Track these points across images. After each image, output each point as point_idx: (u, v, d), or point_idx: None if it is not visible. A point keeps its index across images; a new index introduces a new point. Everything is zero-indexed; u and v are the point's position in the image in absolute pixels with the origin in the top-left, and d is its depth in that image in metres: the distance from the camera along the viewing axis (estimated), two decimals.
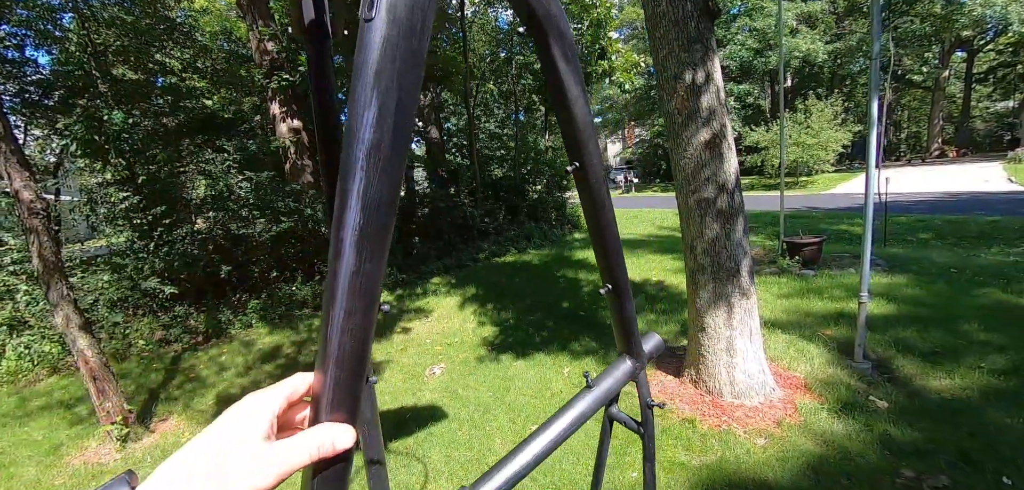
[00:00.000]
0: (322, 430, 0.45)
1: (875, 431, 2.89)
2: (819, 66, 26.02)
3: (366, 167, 0.47)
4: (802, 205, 14.11)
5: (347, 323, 0.48)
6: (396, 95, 0.47)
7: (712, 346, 3.49)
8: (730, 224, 3.37)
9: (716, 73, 3.28)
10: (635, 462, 2.95)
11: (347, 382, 0.50)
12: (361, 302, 0.49)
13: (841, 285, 5.56)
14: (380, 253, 0.50)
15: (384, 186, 0.48)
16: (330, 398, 0.49)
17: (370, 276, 0.49)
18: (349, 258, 0.48)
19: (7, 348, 6.19)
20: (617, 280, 0.90)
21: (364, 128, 0.47)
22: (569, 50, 0.67)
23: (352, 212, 0.48)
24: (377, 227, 0.49)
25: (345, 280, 0.48)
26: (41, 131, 8.15)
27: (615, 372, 1.01)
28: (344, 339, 0.48)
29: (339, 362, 0.49)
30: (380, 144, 0.47)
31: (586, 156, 0.74)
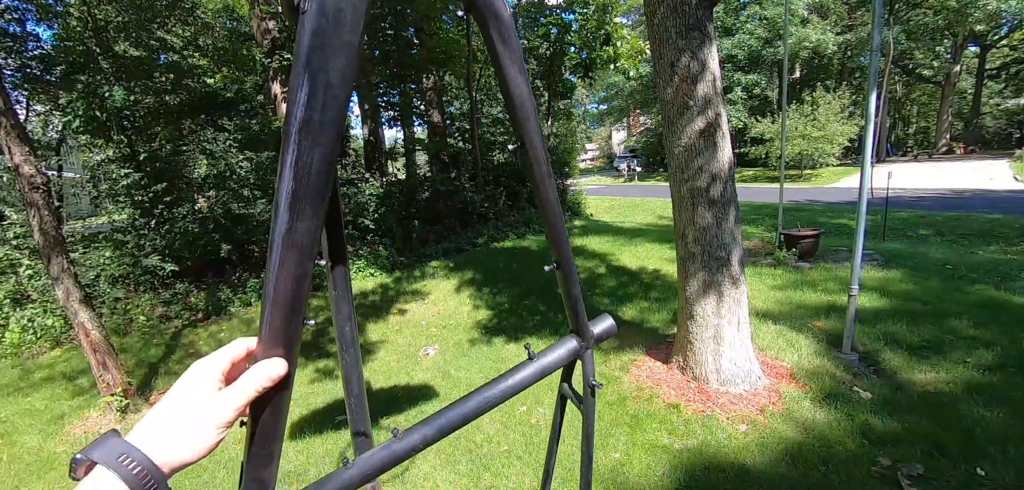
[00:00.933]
0: (259, 366, 0.53)
1: (856, 421, 2.94)
2: (829, 58, 25.69)
3: (298, 141, 0.53)
4: (804, 198, 14.06)
5: (281, 272, 0.55)
6: (326, 79, 0.53)
7: (700, 333, 3.53)
8: (722, 213, 3.39)
9: (713, 62, 3.28)
10: (618, 443, 3.01)
11: (282, 322, 0.57)
12: (293, 255, 0.56)
13: (835, 278, 5.57)
14: (312, 214, 0.57)
15: (314, 157, 0.55)
16: (268, 334, 0.57)
17: (302, 233, 0.56)
18: (283, 218, 0.54)
19: (11, 321, 6.30)
20: (562, 254, 0.93)
21: (297, 107, 0.53)
22: (506, 31, 0.70)
23: (285, 179, 0.54)
24: (308, 192, 0.55)
25: (280, 236, 0.54)
26: (43, 107, 8.18)
27: (559, 349, 1.04)
28: (279, 285, 0.55)
29: (275, 304, 0.56)
30: (310, 121, 0.53)
31: (527, 135, 0.78)
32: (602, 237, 9.86)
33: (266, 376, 0.53)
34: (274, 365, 0.53)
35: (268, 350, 0.57)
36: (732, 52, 25.06)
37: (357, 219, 9.13)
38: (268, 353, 0.56)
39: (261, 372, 0.53)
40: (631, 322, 5.01)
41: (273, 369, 0.53)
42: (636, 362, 4.05)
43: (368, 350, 5.17)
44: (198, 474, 3.22)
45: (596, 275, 7.08)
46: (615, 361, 4.13)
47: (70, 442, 3.87)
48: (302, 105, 0.53)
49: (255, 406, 0.59)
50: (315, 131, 0.54)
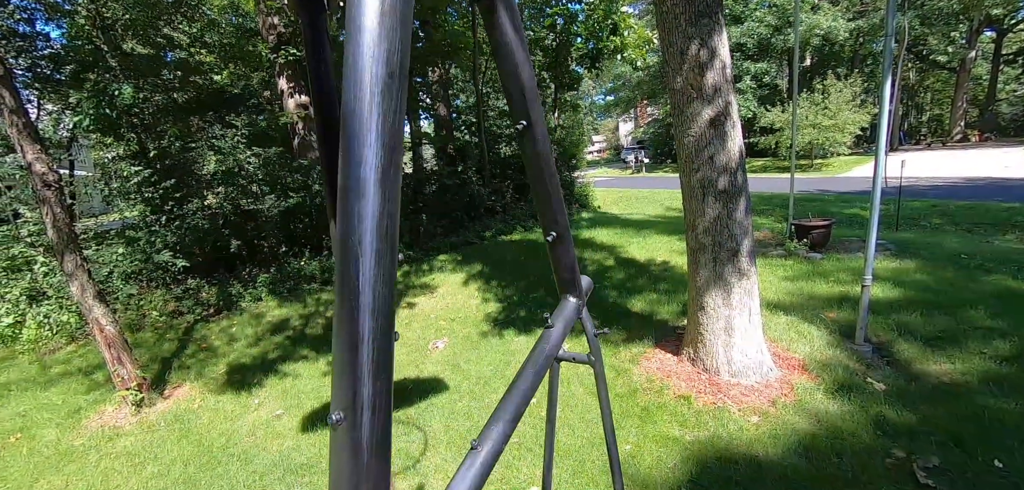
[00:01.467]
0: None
1: (870, 412, 2.90)
2: (840, 45, 25.27)
3: (383, 103, 0.44)
4: (815, 188, 13.89)
5: (378, 270, 0.44)
6: (400, 33, 0.46)
7: (710, 325, 3.50)
8: (732, 204, 3.35)
9: (723, 49, 3.23)
10: (629, 435, 3.01)
11: (384, 333, 0.46)
12: (388, 244, 0.45)
13: (848, 269, 5.51)
14: (397, 194, 0.47)
15: (399, 123, 0.46)
16: (370, 354, 0.45)
17: (393, 217, 0.45)
18: (374, 198, 0.43)
19: (27, 317, 6.40)
20: (560, 226, 0.99)
21: (377, 64, 0.43)
22: (516, 19, 0.70)
23: (372, 150, 0.43)
24: (395, 166, 0.45)
25: (373, 221, 0.43)
26: (54, 105, 8.26)
27: (565, 311, 1.11)
28: (378, 288, 0.44)
29: (375, 312, 0.44)
30: (393, 79, 0.45)
31: (532, 116, 0.81)
32: (610, 229, 9.81)
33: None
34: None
35: (371, 376, 0.45)
36: (741, 40, 24.74)
37: None
38: (371, 381, 0.45)
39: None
40: (640, 314, 4.99)
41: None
42: (646, 354, 4.03)
43: None
44: None
45: (604, 267, 7.05)
46: (625, 353, 4.12)
47: (87, 435, 3.94)
48: (383, 61, 0.44)
49: (353, 485, 0.48)
50: (397, 89, 0.46)
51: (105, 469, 3.42)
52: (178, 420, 4.04)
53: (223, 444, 3.53)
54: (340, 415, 0.45)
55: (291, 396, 4.18)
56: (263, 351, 5.38)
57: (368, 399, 0.45)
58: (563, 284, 1.14)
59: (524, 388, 0.91)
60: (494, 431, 0.83)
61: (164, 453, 3.55)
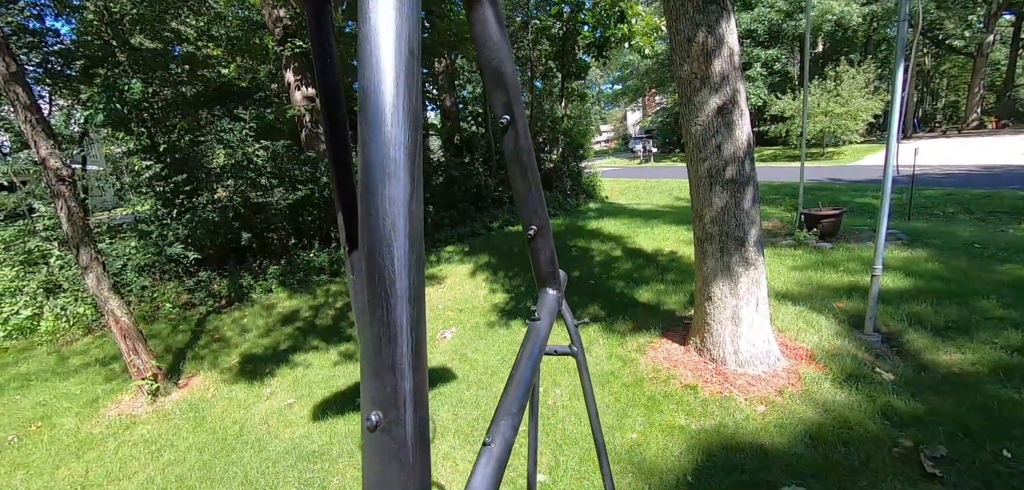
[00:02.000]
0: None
1: (877, 402, 2.90)
2: (853, 30, 24.79)
3: (407, 82, 0.42)
4: (826, 177, 13.73)
5: (412, 255, 0.41)
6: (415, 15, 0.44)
7: (717, 315, 3.50)
8: (740, 193, 3.34)
9: (731, 37, 3.20)
10: (635, 424, 3.02)
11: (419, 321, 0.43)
12: (418, 228, 0.42)
13: (858, 258, 5.46)
14: (421, 177, 0.44)
15: (419, 103, 0.44)
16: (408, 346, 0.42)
17: (421, 201, 0.43)
18: (404, 181, 0.40)
19: (45, 310, 6.54)
20: (540, 220, 1.00)
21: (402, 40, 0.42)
22: (500, 14, 0.71)
23: (401, 129, 0.40)
24: (419, 147, 0.43)
25: (404, 206, 0.40)
26: (65, 101, 8.37)
27: (548, 303, 1.12)
28: (413, 275, 0.41)
29: (412, 299, 0.41)
30: (414, 57, 0.43)
31: (516, 110, 0.83)
32: (617, 219, 9.79)
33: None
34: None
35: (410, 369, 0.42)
36: (751, 27, 24.36)
37: None
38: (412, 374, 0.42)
39: None
40: (647, 304, 4.99)
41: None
42: (652, 344, 4.04)
43: None
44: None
45: (611, 258, 7.05)
46: (631, 343, 4.13)
47: (105, 423, 4.03)
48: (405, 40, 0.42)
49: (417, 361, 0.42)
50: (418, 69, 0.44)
51: (123, 456, 3.51)
52: (193, 409, 4.13)
53: (237, 432, 3.60)
54: (379, 415, 0.41)
55: (302, 385, 4.25)
56: (274, 342, 5.46)
57: (409, 394, 0.41)
58: (543, 278, 1.15)
59: (525, 380, 0.92)
60: (503, 425, 0.85)
61: (180, 441, 3.63)
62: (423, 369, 0.43)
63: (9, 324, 6.32)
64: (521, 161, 0.89)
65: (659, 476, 2.59)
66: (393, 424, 0.41)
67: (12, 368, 5.44)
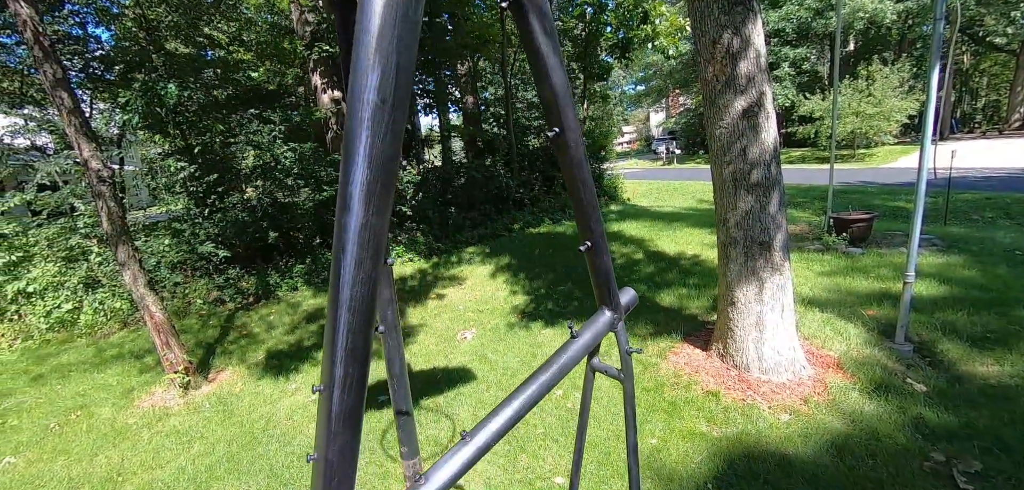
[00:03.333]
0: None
1: (908, 414, 2.81)
2: (887, 28, 23.97)
3: (371, 127, 0.51)
4: (857, 179, 13.32)
5: (358, 273, 0.54)
6: (396, 59, 0.52)
7: (741, 320, 3.44)
8: (766, 197, 3.28)
9: (757, 38, 3.15)
10: (655, 429, 3.00)
11: (360, 327, 0.56)
12: (369, 253, 0.54)
13: (889, 264, 5.29)
14: (385, 207, 0.55)
15: (388, 144, 0.53)
16: (344, 343, 0.55)
17: (377, 229, 0.54)
18: (358, 212, 0.52)
19: (84, 304, 6.83)
20: (595, 235, 0.96)
21: (368, 91, 0.51)
22: (548, 24, 0.71)
23: (359, 169, 0.52)
24: (383, 183, 0.53)
25: (354, 233, 0.53)
26: (105, 104, 8.74)
27: (596, 323, 1.08)
28: (356, 289, 0.54)
29: (351, 309, 0.54)
30: (384, 104, 0.51)
31: (565, 121, 0.80)
32: (639, 222, 9.69)
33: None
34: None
35: (346, 357, 0.54)
36: (779, 26, 23.78)
37: (396, 206, 9.34)
38: (343, 365, 0.54)
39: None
40: (669, 308, 4.93)
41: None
42: (674, 349, 4.00)
43: (408, 333, 5.32)
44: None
45: (633, 261, 6.99)
46: (652, 347, 4.09)
47: (139, 414, 4.20)
48: (374, 89, 0.50)
49: (324, 446, 0.58)
50: (389, 113, 0.52)
51: (156, 446, 3.65)
52: (222, 402, 4.26)
53: (263, 426, 3.71)
54: (321, 388, 0.57)
55: None
56: (299, 338, 5.59)
57: (339, 380, 0.55)
58: (598, 295, 1.11)
59: (529, 393, 0.92)
60: (488, 427, 0.86)
61: (209, 433, 3.75)
62: (359, 364, 0.56)
63: (52, 317, 6.62)
64: (572, 174, 0.87)
65: (679, 483, 2.56)
66: (326, 395, 0.57)
67: (54, 359, 5.71)
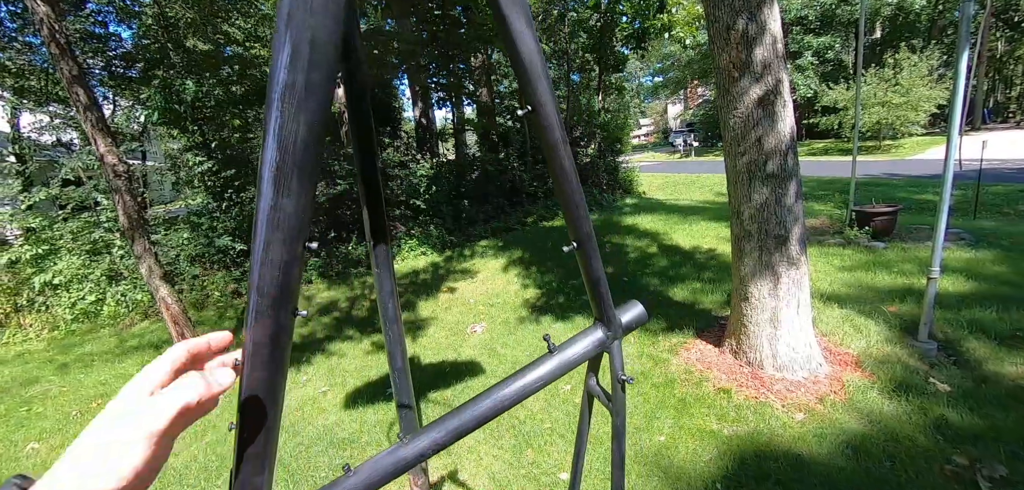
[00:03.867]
0: (191, 377, 0.46)
1: (930, 415, 2.69)
2: (916, 14, 23.13)
3: (281, 107, 0.49)
4: (882, 171, 12.91)
5: (266, 255, 0.52)
6: (309, 36, 0.49)
7: (755, 316, 3.35)
8: (781, 189, 3.17)
9: (773, 23, 3.04)
10: (664, 427, 2.94)
11: (268, 310, 0.54)
12: (278, 234, 0.51)
13: (914, 259, 5.10)
14: (300, 191, 0.52)
15: (300, 125, 0.50)
16: (256, 326, 0.54)
17: (288, 211, 0.51)
18: (267, 193, 0.50)
19: (107, 295, 7.02)
20: (582, 233, 0.82)
21: (279, 70, 0.48)
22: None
23: (269, 150, 0.49)
24: (294, 165, 0.50)
25: (264, 215, 0.51)
26: (127, 100, 8.94)
27: (583, 341, 0.93)
28: (264, 270, 0.52)
29: (260, 290, 0.53)
30: (294, 84, 0.49)
31: (537, 97, 0.68)
32: (654, 215, 9.55)
33: (205, 385, 0.45)
34: (220, 376, 0.48)
35: (256, 342, 0.54)
36: (802, 13, 23.13)
37: (409, 199, 9.37)
38: (256, 346, 0.53)
39: (198, 382, 0.45)
40: (682, 303, 4.84)
41: (216, 380, 0.47)
42: (686, 344, 3.92)
43: (419, 326, 5.33)
44: None
45: (647, 254, 6.89)
46: (664, 343, 4.02)
47: None
48: (285, 67, 0.48)
49: (244, 410, 0.56)
50: (300, 96, 0.49)
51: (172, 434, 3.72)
52: (235, 393, 4.32)
53: None
54: (237, 361, 0.56)
55: (336, 374, 4.38)
56: (312, 331, 5.65)
57: (248, 356, 0.55)
58: (593, 307, 0.94)
59: (477, 412, 0.82)
60: (426, 438, 0.79)
61: (222, 423, 3.81)
62: (270, 344, 0.55)
63: (76, 308, 6.83)
64: (550, 159, 0.76)
65: (687, 481, 2.50)
66: (239, 376, 0.57)
67: (78, 349, 5.88)
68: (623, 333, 0.97)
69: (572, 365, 0.92)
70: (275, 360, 0.56)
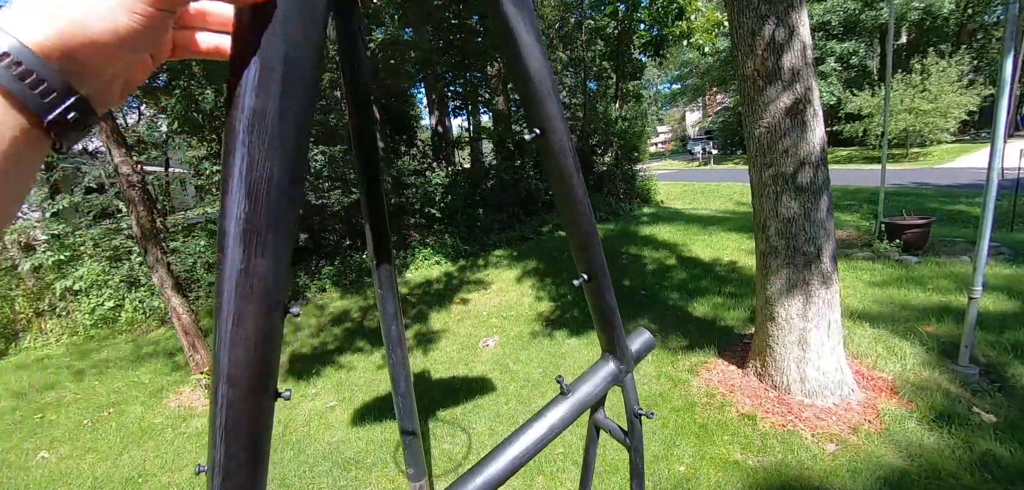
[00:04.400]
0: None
1: (975, 449, 2.48)
2: (944, 18, 22.43)
3: (248, 141, 0.38)
4: (910, 180, 12.46)
5: (237, 333, 0.40)
6: (282, 49, 0.37)
7: (782, 338, 3.17)
8: (812, 202, 3.00)
9: (802, 28, 2.88)
10: (684, 455, 2.78)
11: (240, 403, 0.42)
12: (253, 306, 0.40)
13: (950, 274, 4.83)
14: (276, 247, 0.41)
15: (273, 163, 0.38)
16: (222, 420, 0.42)
17: (263, 275, 0.40)
18: (234, 255, 0.39)
19: (126, 302, 7.11)
20: (593, 266, 0.77)
21: (244, 92, 0.37)
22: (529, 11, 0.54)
23: (234, 197, 0.38)
24: (268, 215, 0.39)
25: (231, 281, 0.39)
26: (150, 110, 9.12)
27: (595, 376, 0.89)
28: (235, 353, 0.41)
29: (231, 380, 0.41)
30: (265, 112, 0.38)
31: (547, 119, 0.60)
32: (673, 225, 9.34)
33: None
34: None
35: (225, 440, 0.42)
36: (824, 18, 22.64)
37: (424, 208, 9.33)
38: (224, 444, 0.42)
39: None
40: (703, 319, 4.66)
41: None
42: (707, 364, 3.74)
43: (430, 339, 5.24)
44: None
45: (666, 266, 6.70)
46: (684, 362, 3.85)
47: (166, 414, 4.27)
48: (251, 89, 0.37)
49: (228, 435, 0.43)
50: (273, 125, 0.38)
51: (178, 447, 3.68)
52: None
53: (280, 432, 3.68)
54: (205, 467, 0.47)
55: (345, 388, 4.30)
56: (323, 341, 5.60)
57: (220, 463, 0.44)
58: (601, 340, 0.90)
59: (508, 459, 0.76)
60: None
61: None
62: (246, 444, 0.44)
63: (95, 314, 6.92)
64: (560, 187, 0.68)
65: None
66: (208, 478, 0.46)
67: (95, 355, 5.94)
68: (634, 365, 0.95)
69: (587, 405, 0.88)
70: (254, 462, 0.46)
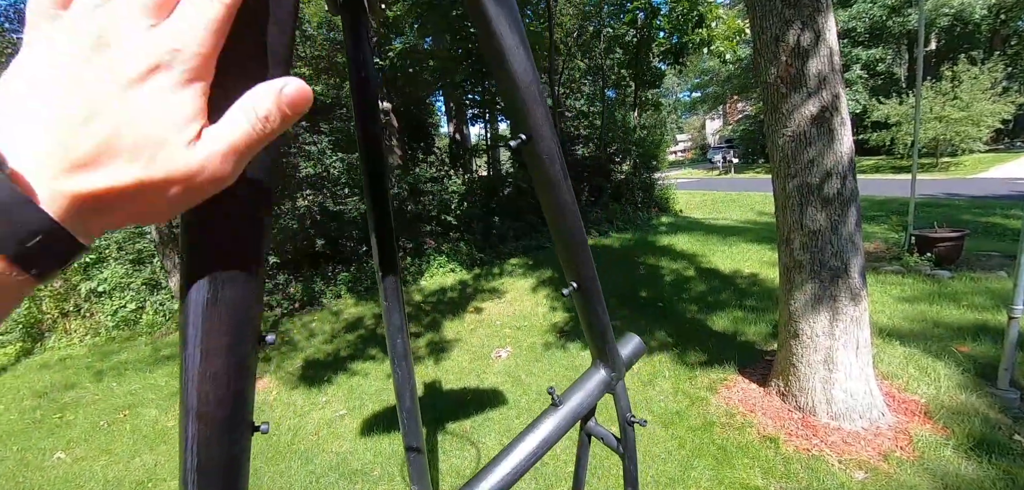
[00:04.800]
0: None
1: (1018, 481, 2.31)
2: (975, 24, 21.75)
3: None
4: (941, 191, 12.02)
5: (206, 368, 0.37)
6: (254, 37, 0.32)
7: (807, 356, 3.02)
8: (840, 215, 2.87)
9: (829, 33, 2.77)
10: (701, 478, 2.65)
11: (213, 442, 0.40)
12: (224, 340, 0.36)
13: (986, 291, 4.59)
14: (247, 271, 0.36)
15: (239, 185, 0.32)
16: (194, 462, 0.40)
17: (234, 304, 0.36)
18: (200, 282, 0.35)
19: (147, 304, 7.23)
20: (583, 276, 0.77)
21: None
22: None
23: (197, 221, 0.34)
24: (239, 234, 0.35)
25: (198, 312, 0.35)
26: None
27: (586, 385, 0.89)
28: (204, 389, 0.37)
29: (202, 418, 0.38)
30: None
31: (533, 125, 0.57)
32: (692, 235, 9.16)
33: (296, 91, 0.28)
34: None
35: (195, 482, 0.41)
36: (849, 25, 22.16)
37: (441, 215, 9.33)
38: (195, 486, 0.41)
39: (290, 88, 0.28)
40: (722, 334, 4.51)
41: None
42: (727, 381, 3.60)
43: (442, 348, 5.18)
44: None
45: (684, 278, 6.55)
46: (702, 378, 3.71)
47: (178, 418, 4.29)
48: None
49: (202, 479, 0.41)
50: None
51: None
52: (258, 412, 4.28)
53: (289, 440, 3.66)
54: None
55: (355, 396, 4.27)
56: (336, 348, 5.59)
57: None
58: (592, 348, 0.91)
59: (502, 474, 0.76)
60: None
61: None
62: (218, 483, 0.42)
63: (117, 316, 7.05)
64: (547, 194, 0.66)
65: None
66: None
67: (115, 356, 6.03)
68: (625, 371, 0.95)
69: (580, 415, 0.87)
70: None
